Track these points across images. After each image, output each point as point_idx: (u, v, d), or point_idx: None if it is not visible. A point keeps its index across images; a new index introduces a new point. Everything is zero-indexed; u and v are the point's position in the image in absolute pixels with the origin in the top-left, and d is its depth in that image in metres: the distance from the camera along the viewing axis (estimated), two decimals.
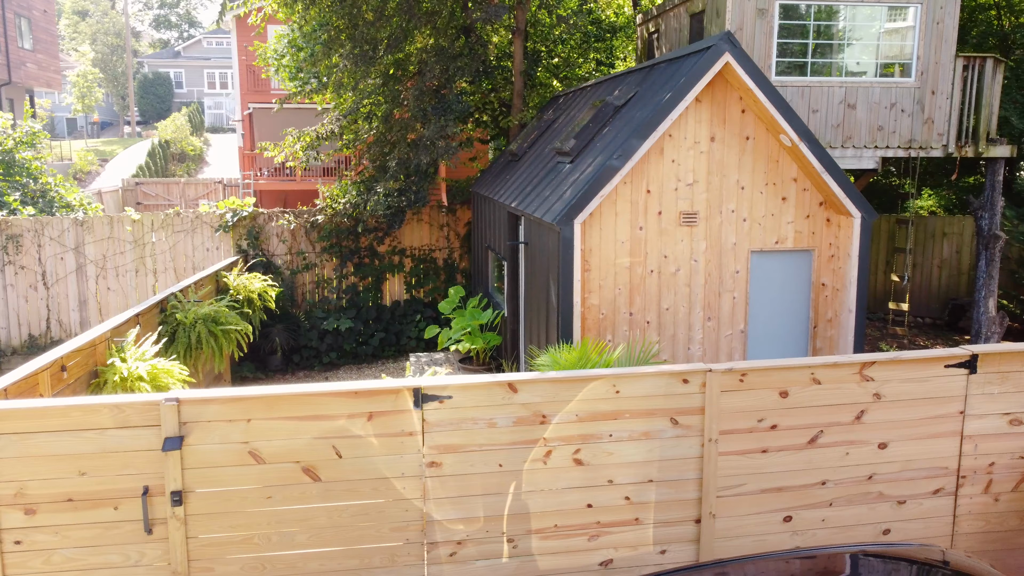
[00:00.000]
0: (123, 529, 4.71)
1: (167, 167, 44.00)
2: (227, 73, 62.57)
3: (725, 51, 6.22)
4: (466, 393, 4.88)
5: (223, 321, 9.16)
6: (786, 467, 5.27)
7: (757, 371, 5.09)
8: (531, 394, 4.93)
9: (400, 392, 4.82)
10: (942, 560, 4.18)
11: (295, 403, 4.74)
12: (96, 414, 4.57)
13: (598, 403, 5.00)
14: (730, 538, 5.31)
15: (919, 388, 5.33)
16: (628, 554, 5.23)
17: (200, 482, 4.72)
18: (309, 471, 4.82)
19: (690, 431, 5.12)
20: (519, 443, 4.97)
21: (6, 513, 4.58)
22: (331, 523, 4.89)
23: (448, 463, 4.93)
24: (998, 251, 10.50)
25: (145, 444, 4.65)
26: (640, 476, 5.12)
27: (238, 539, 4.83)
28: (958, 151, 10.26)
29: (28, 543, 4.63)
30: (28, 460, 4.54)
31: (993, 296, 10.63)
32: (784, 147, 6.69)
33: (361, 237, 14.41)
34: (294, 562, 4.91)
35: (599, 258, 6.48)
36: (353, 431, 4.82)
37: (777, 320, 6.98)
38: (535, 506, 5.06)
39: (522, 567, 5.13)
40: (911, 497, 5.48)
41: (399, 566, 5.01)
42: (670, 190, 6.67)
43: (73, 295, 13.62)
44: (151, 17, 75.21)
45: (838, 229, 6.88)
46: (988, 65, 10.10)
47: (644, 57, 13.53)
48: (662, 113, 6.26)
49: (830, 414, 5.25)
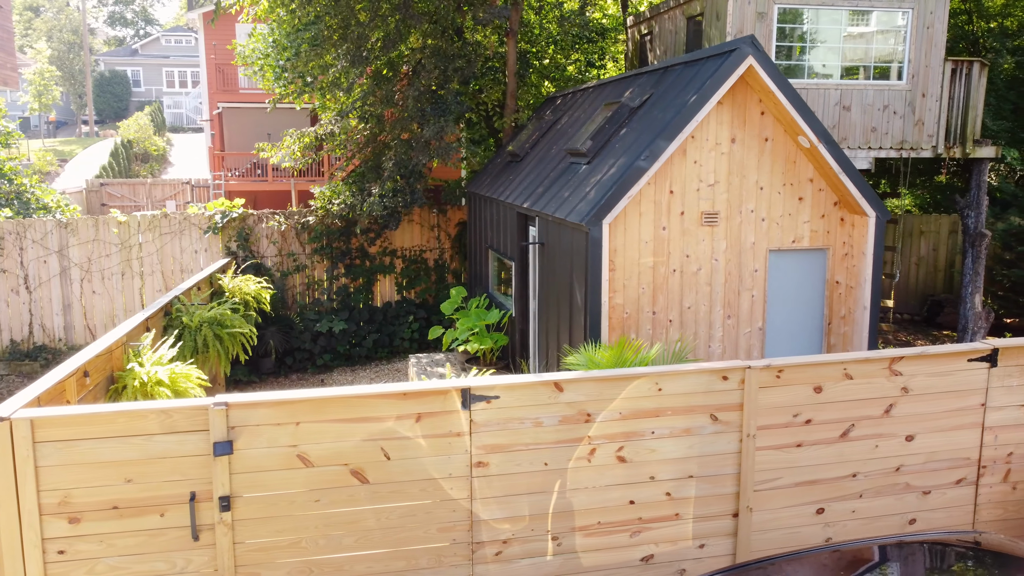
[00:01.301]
0: (169, 536, 4.64)
1: (130, 167, 43.03)
2: (186, 72, 61.33)
3: (748, 54, 6.36)
4: (513, 393, 4.91)
5: (228, 324, 9.05)
6: (819, 460, 5.41)
7: (793, 367, 5.21)
8: (576, 393, 4.98)
9: (448, 393, 4.83)
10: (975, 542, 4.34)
11: (344, 405, 4.73)
12: (143, 420, 4.50)
13: (641, 401, 5.07)
14: (765, 531, 5.43)
15: (943, 382, 5.52)
16: (668, 549, 5.31)
17: (247, 487, 4.68)
18: (357, 473, 4.81)
19: (729, 427, 5.22)
20: (564, 442, 5.02)
21: (49, 522, 4.48)
22: (379, 525, 4.88)
23: (495, 463, 4.96)
24: (984, 249, 10.87)
25: (192, 449, 4.58)
26: (680, 472, 5.21)
27: (285, 543, 4.79)
28: (946, 152, 10.60)
29: (72, 552, 4.54)
30: (73, 468, 4.45)
31: (979, 292, 11.00)
32: (802, 148, 6.86)
33: (352, 238, 14.31)
34: (341, 565, 4.89)
35: (623, 258, 6.57)
36: (402, 432, 4.82)
37: (793, 317, 7.16)
38: (579, 504, 5.12)
39: (566, 564, 5.18)
40: (935, 487, 5.66)
41: (445, 566, 5.02)
42: (692, 191, 6.79)
43: (57, 299, 13.28)
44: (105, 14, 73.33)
45: (851, 228, 7.08)
46: (975, 69, 10.46)
47: (636, 59, 13.67)
48: (688, 115, 6.37)
49: (861, 408, 5.40)
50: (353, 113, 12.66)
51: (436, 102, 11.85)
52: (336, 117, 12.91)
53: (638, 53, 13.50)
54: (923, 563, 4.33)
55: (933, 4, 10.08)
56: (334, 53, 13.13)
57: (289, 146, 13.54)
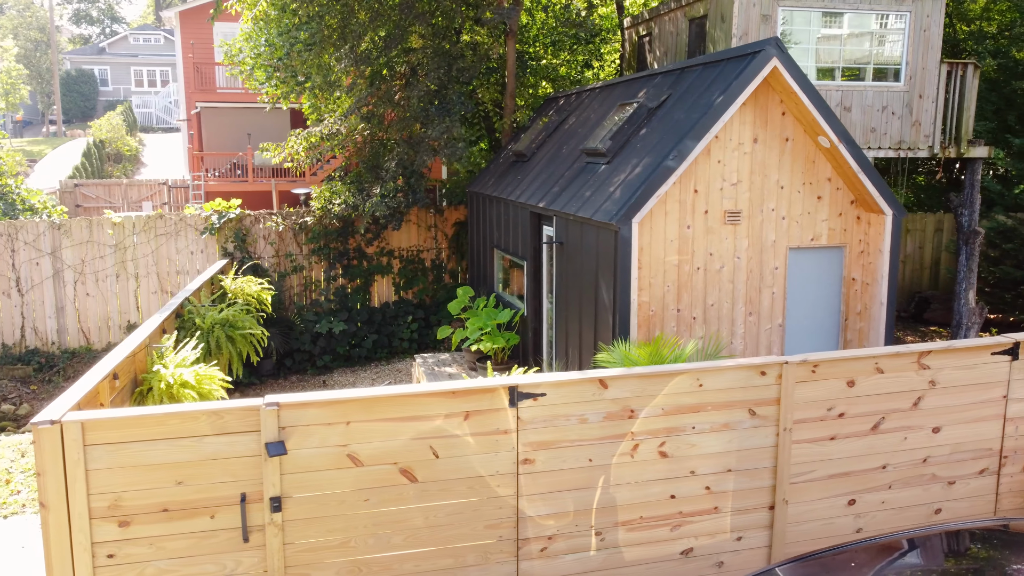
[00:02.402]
0: (219, 538, 4.62)
1: (103, 168, 42.29)
2: (155, 71, 60.30)
3: (774, 55, 6.48)
4: (559, 390, 4.96)
5: (239, 325, 8.98)
6: (851, 453, 5.53)
7: (828, 362, 5.33)
8: (620, 390, 5.04)
9: (496, 391, 4.87)
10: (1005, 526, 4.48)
11: (393, 404, 4.74)
12: (194, 421, 4.47)
13: (682, 396, 5.15)
14: (800, 523, 5.55)
15: (968, 375, 5.67)
16: (707, 542, 5.40)
17: (298, 487, 4.67)
18: (406, 472, 4.82)
19: (766, 421, 5.32)
20: (608, 438, 5.08)
21: (99, 526, 4.44)
22: (427, 523, 4.90)
23: (540, 459, 5.00)
24: (977, 246, 11.16)
25: (243, 450, 4.57)
26: (720, 466, 5.30)
27: (335, 543, 4.79)
28: (942, 151, 10.86)
29: (121, 556, 4.50)
30: (123, 470, 4.41)
31: (973, 288, 11.29)
32: (821, 148, 7.00)
33: (350, 238, 14.25)
34: (389, 564, 4.90)
35: (649, 256, 6.65)
36: (450, 431, 4.84)
37: (811, 314, 7.30)
38: (622, 499, 5.18)
39: (609, 559, 5.24)
40: (960, 478, 5.82)
41: (492, 563, 5.06)
42: (716, 190, 6.90)
43: (50, 302, 13.03)
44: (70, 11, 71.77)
45: (868, 226, 7.25)
46: (969, 71, 10.73)
47: (633, 60, 13.79)
48: (715, 115, 6.47)
49: (891, 401, 5.54)
50: (355, 115, 12.60)
51: (440, 102, 11.85)
52: (340, 117, 12.84)
53: (636, 54, 13.62)
54: (964, 549, 4.45)
55: (930, 7, 10.33)
56: (332, 52, 13.07)
57: (294, 146, 13.44)
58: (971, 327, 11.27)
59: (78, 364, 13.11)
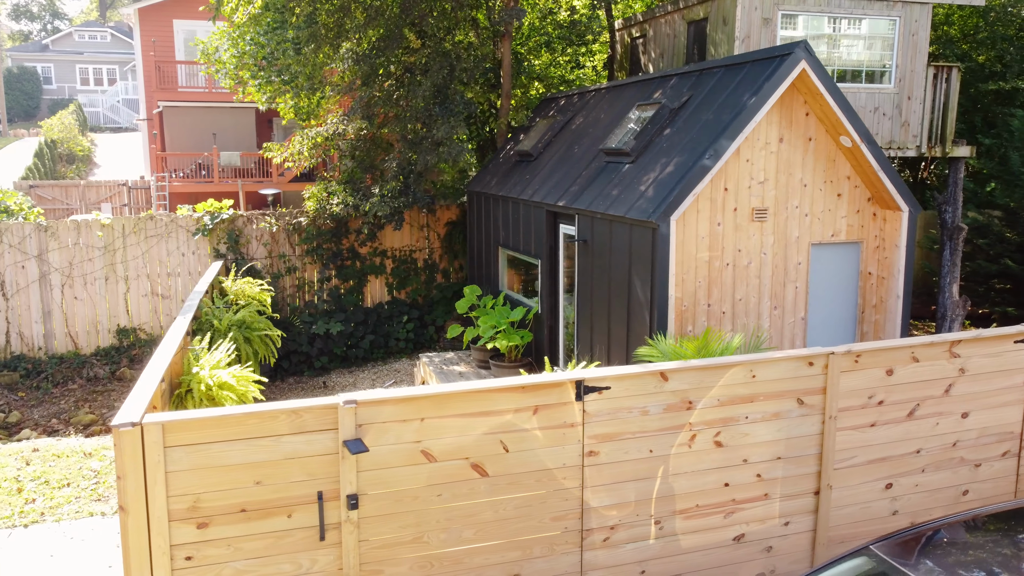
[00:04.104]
0: (295, 537, 4.63)
1: (56, 168, 41.00)
2: (102, 69, 58.46)
3: (803, 58, 6.73)
4: (622, 383, 5.09)
5: (255, 327, 8.90)
6: (889, 439, 5.78)
7: (870, 352, 5.56)
8: (680, 382, 5.19)
9: (564, 385, 4.97)
10: None
11: (465, 400, 4.81)
12: (273, 421, 4.47)
13: (736, 388, 5.32)
14: (841, 507, 5.78)
15: (993, 362, 5.98)
16: (757, 528, 5.59)
17: (373, 484, 4.70)
18: (477, 467, 4.89)
19: (813, 410, 5.53)
20: (667, 429, 5.23)
21: (177, 528, 4.41)
22: (495, 516, 4.97)
23: (604, 451, 5.12)
24: (960, 241, 11.67)
25: (320, 449, 4.58)
26: (770, 454, 5.49)
27: (408, 539, 4.83)
28: (929, 151, 11.33)
29: (199, 558, 4.47)
30: (202, 472, 4.39)
31: (956, 282, 11.79)
32: (841, 148, 7.29)
33: (344, 239, 14.17)
34: (460, 558, 4.96)
35: (682, 253, 6.83)
36: (520, 425, 4.93)
37: (830, 307, 7.59)
38: (679, 488, 5.33)
39: (666, 547, 5.39)
40: (985, 460, 6.13)
41: (557, 554, 5.16)
42: (744, 188, 7.11)
43: (36, 306, 12.65)
44: (9, 6, 69.07)
45: (883, 222, 7.56)
46: (953, 74, 11.22)
47: (626, 61, 14.01)
48: (748, 115, 6.68)
49: (924, 389, 5.81)
50: (357, 116, 12.54)
51: (443, 102, 11.88)
52: (343, 117, 12.75)
53: (628, 56, 13.84)
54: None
55: (918, 12, 10.77)
56: (326, 51, 12.97)
57: (298, 146, 13.30)
58: (955, 319, 11.77)
59: (67, 370, 12.77)
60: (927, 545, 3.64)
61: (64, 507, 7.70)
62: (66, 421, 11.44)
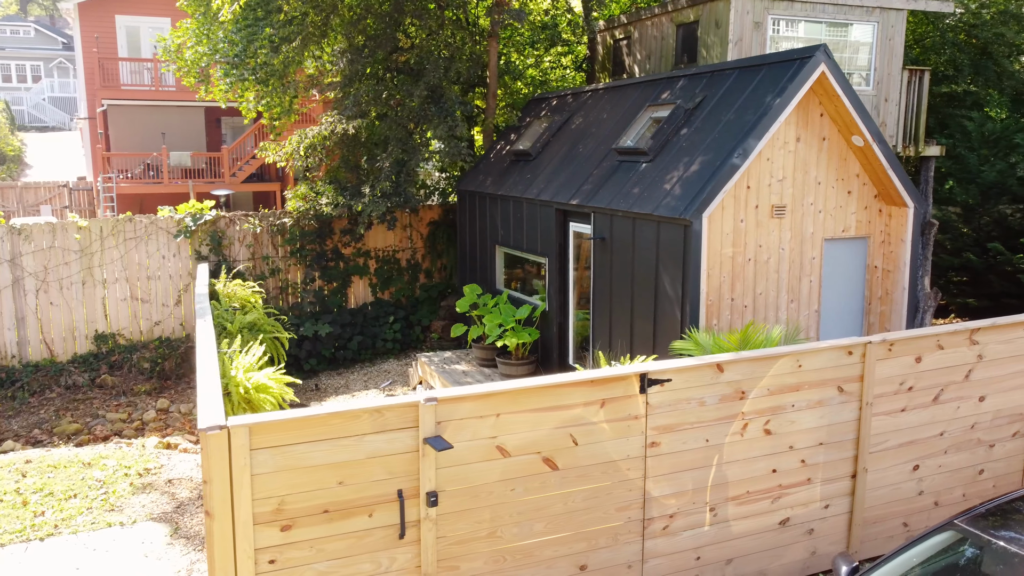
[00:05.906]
0: (376, 536, 4.63)
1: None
2: (25, 65, 55.73)
3: (822, 61, 7.02)
4: (681, 376, 5.25)
5: (265, 329, 8.77)
6: (917, 423, 6.11)
7: (902, 341, 5.87)
8: (734, 373, 5.38)
9: (629, 378, 5.10)
10: None
11: (538, 395, 4.89)
12: (356, 420, 4.47)
13: (784, 377, 5.54)
14: (874, 489, 6.07)
15: (1007, 348, 6.37)
16: (800, 512, 5.83)
17: (450, 480, 4.74)
18: (548, 460, 4.98)
19: (851, 397, 5.80)
20: (722, 419, 5.41)
21: (261, 531, 4.37)
22: (565, 509, 5.07)
23: (665, 442, 5.27)
24: (932, 236, 12.27)
25: (400, 447, 4.60)
26: (813, 440, 5.74)
27: (483, 534, 4.89)
28: (904, 151, 11.90)
29: (282, 561, 4.44)
30: (286, 473, 4.36)
31: (928, 275, 12.40)
32: (852, 147, 7.63)
33: (327, 240, 14.00)
34: (531, 551, 5.04)
35: (708, 249, 7.05)
36: (588, 418, 5.04)
37: (839, 300, 7.93)
38: (732, 475, 5.53)
39: (719, 533, 5.57)
40: (998, 441, 6.53)
41: (620, 544, 5.29)
42: (765, 185, 7.37)
43: (8, 312, 12.10)
44: None
45: (889, 218, 7.94)
46: (925, 77, 11.81)
47: (608, 63, 14.24)
48: (773, 116, 6.93)
49: (948, 375, 6.15)
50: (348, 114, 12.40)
51: (438, 102, 11.87)
52: (339, 116, 12.58)
53: (610, 57, 14.07)
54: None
55: (894, 18, 11.30)
56: (311, 50, 12.80)
57: (295, 146, 13.06)
58: (927, 310, 12.37)
59: (43, 378, 12.26)
60: (1008, 516, 3.90)
61: (77, 519, 7.44)
62: (49, 431, 10.99)
